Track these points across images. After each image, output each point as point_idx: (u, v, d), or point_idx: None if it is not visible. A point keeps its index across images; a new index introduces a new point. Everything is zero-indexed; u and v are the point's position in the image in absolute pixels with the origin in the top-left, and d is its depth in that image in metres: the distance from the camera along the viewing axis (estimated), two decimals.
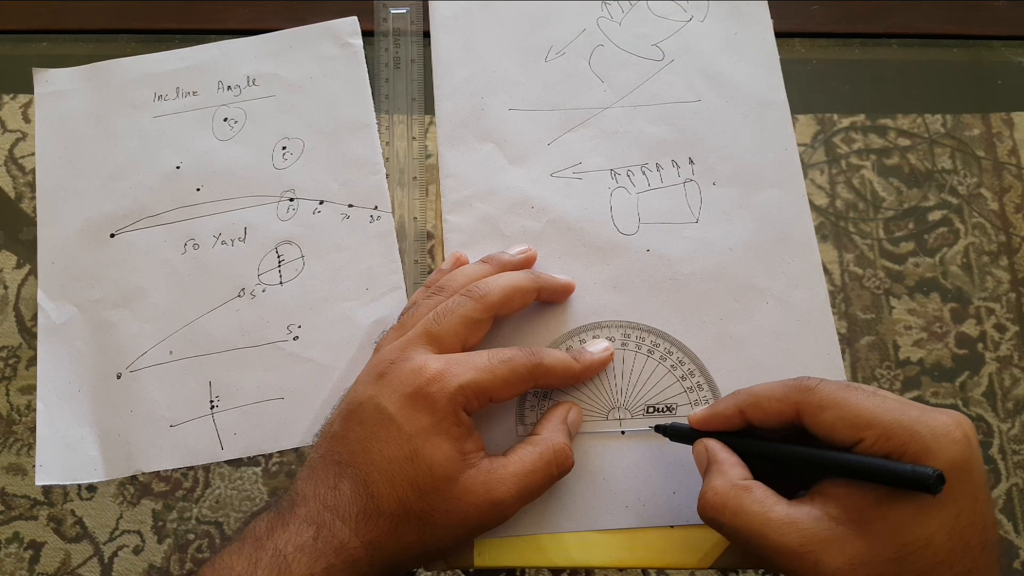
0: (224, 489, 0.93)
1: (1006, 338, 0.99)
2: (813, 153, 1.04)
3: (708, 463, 0.34)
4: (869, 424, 0.30)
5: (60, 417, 0.42)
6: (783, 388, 0.33)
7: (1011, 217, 1.03)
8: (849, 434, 0.31)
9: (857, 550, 0.30)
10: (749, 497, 0.32)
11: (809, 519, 0.31)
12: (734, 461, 0.34)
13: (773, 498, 0.32)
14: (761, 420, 0.34)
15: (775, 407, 0.33)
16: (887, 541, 0.30)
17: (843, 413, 0.31)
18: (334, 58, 0.48)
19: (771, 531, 0.31)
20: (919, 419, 0.30)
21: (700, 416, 0.36)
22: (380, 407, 0.34)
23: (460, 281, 0.39)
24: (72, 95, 0.48)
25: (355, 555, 0.33)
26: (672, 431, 0.37)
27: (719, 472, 0.33)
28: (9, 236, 0.82)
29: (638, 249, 0.43)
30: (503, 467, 0.35)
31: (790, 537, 0.30)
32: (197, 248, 0.44)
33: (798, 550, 0.30)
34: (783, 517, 0.31)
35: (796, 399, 0.32)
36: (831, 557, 0.30)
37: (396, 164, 0.46)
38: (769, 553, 0.31)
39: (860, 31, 0.49)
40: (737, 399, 0.35)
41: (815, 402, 0.32)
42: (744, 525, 0.31)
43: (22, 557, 0.93)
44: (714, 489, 0.33)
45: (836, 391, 0.32)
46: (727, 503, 0.32)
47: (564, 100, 0.46)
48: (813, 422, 0.32)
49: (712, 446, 0.35)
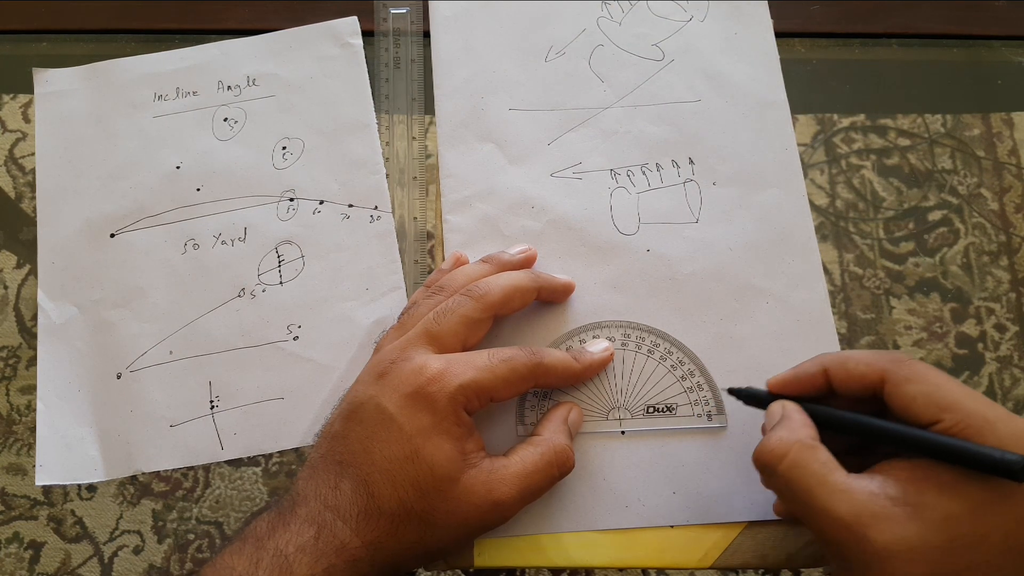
0: (224, 489, 0.93)
1: (1006, 338, 0.99)
2: (813, 153, 1.04)
3: (780, 419, 0.34)
4: (951, 407, 0.30)
5: (60, 417, 0.42)
6: (874, 354, 0.33)
7: (1011, 217, 1.03)
8: (929, 412, 0.30)
9: (907, 532, 0.29)
10: (812, 455, 0.31)
11: (866, 493, 0.30)
12: (807, 422, 0.33)
13: (835, 464, 0.31)
14: (843, 382, 0.33)
15: (860, 370, 0.33)
16: (940, 530, 0.29)
17: (928, 389, 0.31)
18: (334, 58, 0.48)
19: (825, 493, 0.30)
20: (1002, 417, 0.30)
21: (780, 378, 0.35)
22: (381, 407, 0.34)
23: (460, 281, 0.39)
24: (72, 95, 0.48)
25: (356, 555, 0.33)
26: (747, 395, 0.37)
27: (788, 427, 0.33)
28: (9, 236, 0.82)
29: (638, 249, 0.43)
30: (504, 468, 0.35)
31: (843, 505, 0.30)
32: (197, 248, 0.44)
33: (847, 519, 0.29)
34: (840, 484, 0.30)
35: (884, 366, 0.32)
36: (879, 533, 0.29)
37: (396, 164, 0.46)
38: (816, 516, 0.30)
39: (860, 31, 0.49)
40: (823, 359, 0.34)
41: (904, 373, 0.31)
42: (799, 479, 0.31)
43: (22, 557, 0.93)
44: (780, 437, 0.32)
45: (927, 368, 0.32)
46: (789, 453, 0.31)
47: (564, 100, 0.46)
48: (895, 391, 0.31)
49: (788, 406, 0.34)
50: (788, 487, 0.31)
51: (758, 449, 0.33)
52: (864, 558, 0.29)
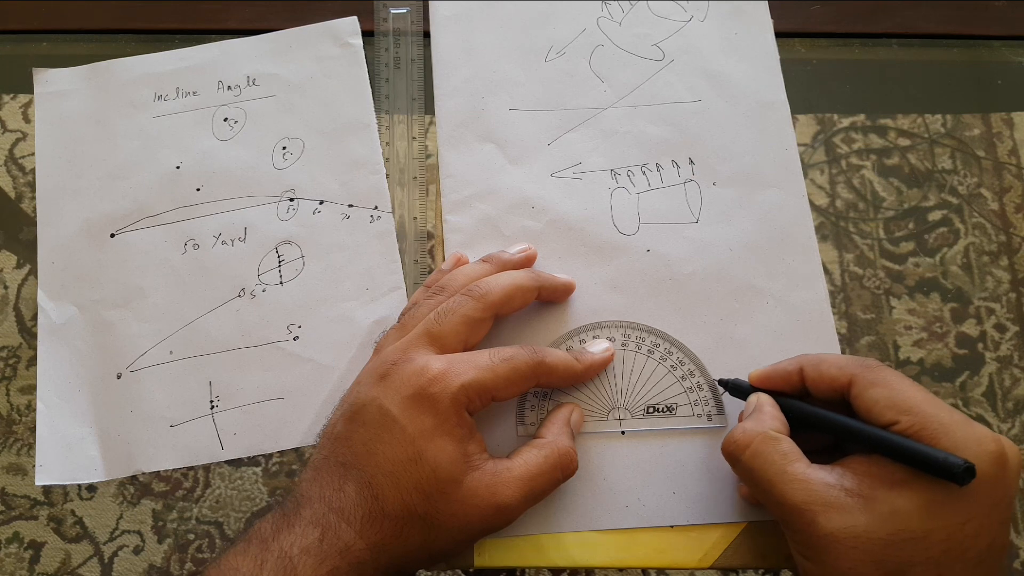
0: (224, 489, 0.93)
1: (1006, 338, 0.99)
2: (813, 153, 1.04)
3: (752, 411, 0.36)
4: (910, 410, 0.32)
5: (60, 417, 0.42)
6: (847, 359, 0.35)
7: (1011, 217, 1.03)
8: (888, 414, 0.32)
9: (855, 522, 0.31)
10: (774, 446, 0.33)
11: (821, 483, 0.32)
12: (777, 415, 0.35)
13: (796, 455, 0.33)
14: (815, 383, 0.35)
15: (832, 373, 0.34)
16: (886, 523, 0.30)
17: (890, 393, 0.32)
18: (334, 58, 0.48)
19: (783, 483, 0.32)
20: (959, 422, 0.31)
21: (761, 373, 0.37)
22: (383, 409, 0.34)
23: (461, 281, 0.39)
24: (72, 95, 0.48)
25: (360, 557, 0.33)
26: (732, 386, 0.39)
27: (757, 419, 0.35)
28: (9, 236, 0.82)
29: (638, 249, 0.43)
30: (508, 470, 0.35)
31: (798, 493, 0.32)
32: (197, 248, 0.44)
33: (800, 506, 0.31)
34: (798, 474, 0.32)
35: (854, 371, 0.34)
36: (828, 520, 0.31)
37: (396, 164, 0.46)
38: (774, 502, 0.33)
39: (860, 31, 0.49)
40: (801, 359, 0.36)
41: (870, 377, 0.33)
42: (760, 469, 0.33)
43: (22, 557, 0.93)
44: (744, 429, 0.34)
45: (892, 375, 0.33)
46: (752, 444, 0.34)
47: (564, 100, 0.46)
48: (861, 394, 0.33)
49: (762, 398, 0.36)
50: (751, 475, 0.34)
51: (725, 439, 0.35)
52: (812, 541, 0.31)
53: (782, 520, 0.33)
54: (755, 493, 0.35)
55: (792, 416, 0.35)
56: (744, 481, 0.35)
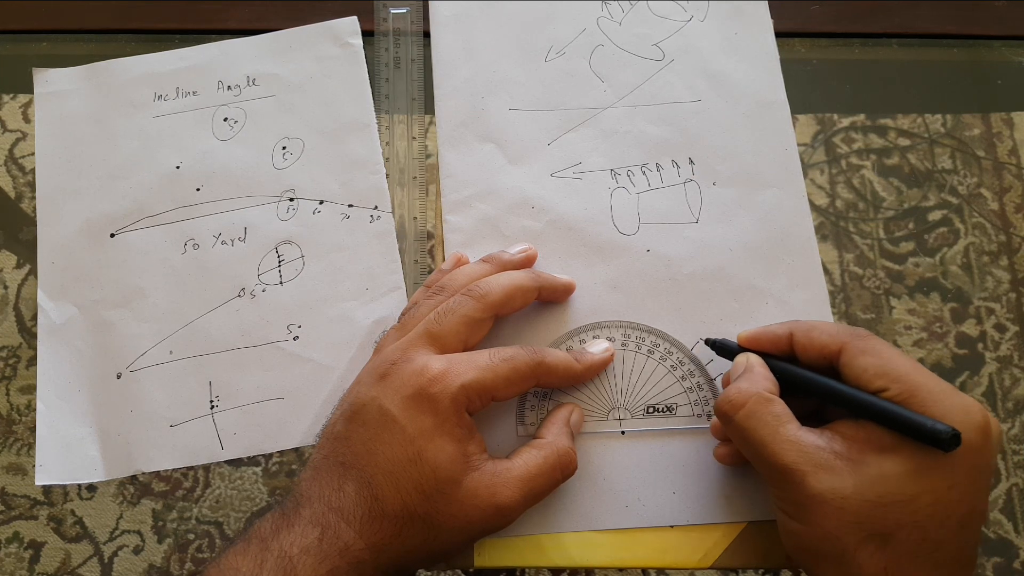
0: (224, 489, 0.93)
1: (1006, 338, 0.99)
2: (813, 153, 1.04)
3: (743, 371, 0.36)
4: (900, 378, 0.32)
5: (60, 417, 0.42)
6: (837, 326, 0.35)
7: (1011, 217, 1.03)
8: (877, 381, 0.32)
9: (843, 484, 0.31)
10: (768, 407, 0.33)
11: (812, 445, 0.32)
12: (769, 376, 0.35)
13: (788, 417, 0.33)
14: (804, 349, 0.35)
15: (823, 340, 0.35)
16: (874, 486, 0.31)
17: (880, 361, 0.33)
18: (334, 58, 0.48)
19: (775, 443, 0.32)
20: (947, 391, 0.32)
21: (750, 333, 0.38)
22: (383, 408, 0.34)
23: (461, 281, 0.39)
24: (72, 95, 0.48)
25: (360, 557, 0.33)
26: (720, 345, 0.39)
27: (750, 379, 0.35)
28: (9, 236, 0.82)
29: (638, 249, 0.43)
30: (507, 471, 0.35)
31: (789, 454, 0.32)
32: (197, 248, 0.44)
33: (790, 466, 0.32)
34: (790, 435, 0.33)
35: (845, 339, 0.34)
36: (817, 480, 0.31)
37: (396, 164, 0.46)
38: (765, 462, 0.33)
39: (860, 31, 0.49)
40: (792, 324, 0.37)
41: (860, 345, 0.34)
42: (752, 429, 0.33)
43: (22, 557, 0.93)
44: (739, 388, 0.34)
45: (882, 344, 0.34)
46: (747, 404, 0.34)
47: (564, 100, 0.46)
48: (849, 362, 0.34)
49: (753, 359, 0.37)
50: (743, 435, 0.34)
51: (719, 398, 0.35)
52: (800, 500, 0.32)
53: (771, 480, 0.34)
54: (745, 452, 0.35)
55: (780, 378, 0.36)
56: (735, 440, 0.35)
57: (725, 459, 0.38)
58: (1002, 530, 0.92)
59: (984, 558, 0.91)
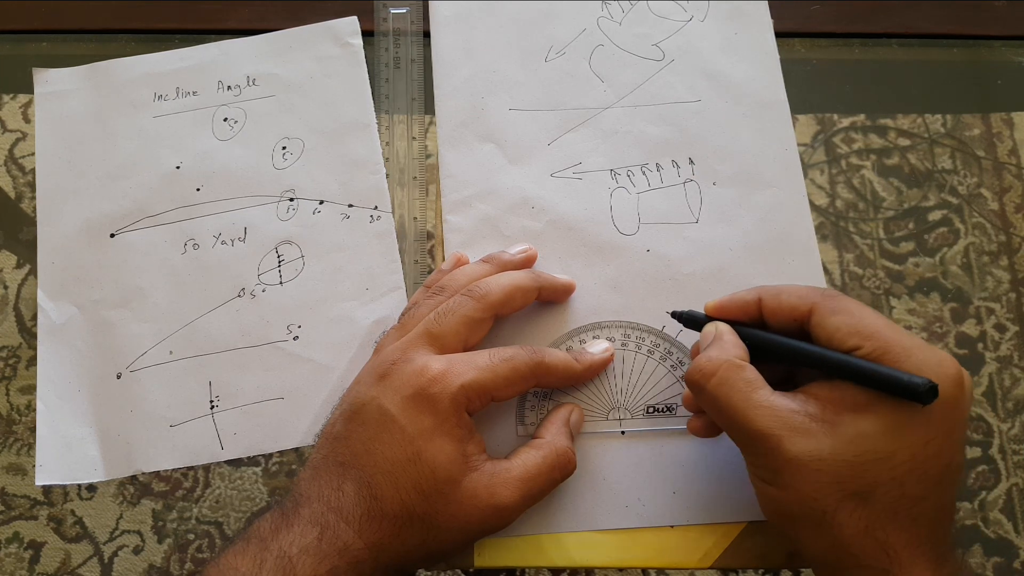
0: (224, 489, 0.93)
1: (1006, 338, 0.99)
2: (813, 153, 1.04)
3: (713, 340, 0.36)
4: (872, 335, 0.32)
5: (60, 417, 0.42)
6: (806, 288, 0.35)
7: (1011, 217, 1.03)
8: (850, 340, 0.32)
9: (820, 445, 0.31)
10: (739, 374, 0.33)
11: (786, 409, 0.32)
12: (738, 343, 0.35)
13: (760, 382, 0.33)
14: (773, 312, 0.35)
15: (792, 302, 0.35)
16: (851, 445, 0.31)
17: (852, 320, 0.33)
18: (334, 58, 0.48)
19: (748, 409, 0.32)
20: (920, 345, 0.32)
21: (717, 302, 0.37)
22: (382, 408, 0.34)
23: (461, 281, 0.39)
24: (72, 95, 0.48)
25: (359, 557, 0.33)
26: (687, 317, 0.39)
27: (720, 347, 0.35)
28: (9, 236, 0.82)
29: (638, 249, 0.43)
30: (506, 471, 0.35)
31: (763, 420, 0.32)
32: (197, 248, 0.44)
33: (765, 431, 0.32)
34: (763, 400, 0.32)
35: (815, 299, 0.34)
36: (793, 444, 0.31)
37: (396, 164, 0.46)
38: (739, 429, 0.33)
39: (860, 31, 0.49)
40: (759, 289, 0.36)
41: (830, 305, 0.33)
42: (724, 396, 0.33)
43: (22, 557, 0.93)
44: (709, 357, 0.34)
45: (852, 303, 0.34)
46: (717, 371, 0.33)
47: (564, 100, 0.46)
48: (820, 322, 0.33)
49: (721, 327, 0.36)
50: (715, 403, 0.33)
51: (690, 368, 0.35)
52: (777, 465, 0.32)
53: (746, 447, 0.33)
54: (718, 421, 0.35)
55: (750, 345, 0.35)
56: (707, 409, 0.35)
57: (699, 431, 0.38)
58: (1002, 530, 0.92)
59: (984, 558, 0.91)
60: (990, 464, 0.94)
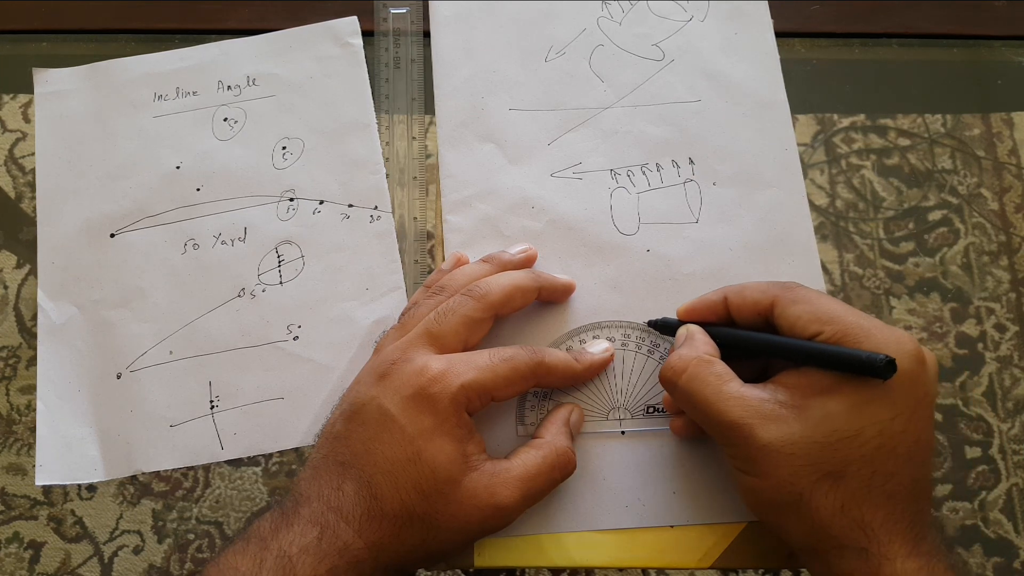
0: (224, 489, 0.93)
1: (1006, 338, 0.99)
2: (813, 153, 1.04)
3: (684, 340, 0.37)
4: (831, 320, 0.33)
5: (60, 417, 0.42)
6: (767, 283, 0.37)
7: (1011, 217, 1.03)
8: (811, 327, 0.34)
9: (791, 430, 0.32)
10: (709, 368, 0.35)
11: (756, 398, 0.33)
12: (708, 341, 0.37)
13: (730, 375, 0.34)
14: (739, 308, 0.37)
15: (754, 296, 0.36)
16: (820, 426, 0.32)
17: (811, 308, 0.34)
18: (334, 58, 0.48)
19: (720, 401, 0.33)
20: (878, 326, 0.33)
21: (687, 306, 0.39)
22: (382, 408, 0.35)
23: (461, 281, 0.39)
24: (72, 95, 0.48)
25: (359, 556, 0.33)
26: (661, 324, 0.40)
27: (690, 345, 0.36)
28: (9, 236, 0.82)
29: (638, 249, 0.43)
30: (506, 471, 0.35)
31: (735, 410, 0.33)
32: (197, 248, 0.44)
33: (737, 421, 0.33)
34: (734, 392, 0.34)
35: (776, 292, 0.35)
36: (765, 431, 0.32)
37: (396, 164, 0.46)
38: (712, 421, 0.34)
39: (860, 31, 0.49)
40: (723, 289, 0.38)
41: (790, 296, 0.35)
42: (697, 391, 0.34)
43: (22, 557, 0.93)
44: (679, 355, 0.36)
45: (811, 292, 0.35)
46: (688, 368, 0.35)
47: (564, 100, 0.46)
48: (782, 313, 0.35)
49: (692, 328, 0.38)
50: (688, 398, 0.35)
51: (663, 367, 0.36)
52: (751, 453, 0.33)
53: (720, 438, 0.34)
54: (693, 416, 0.36)
55: (721, 342, 0.37)
56: (682, 406, 0.36)
57: (681, 431, 0.39)
58: (1002, 530, 0.92)
59: (984, 558, 0.91)
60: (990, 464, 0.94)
